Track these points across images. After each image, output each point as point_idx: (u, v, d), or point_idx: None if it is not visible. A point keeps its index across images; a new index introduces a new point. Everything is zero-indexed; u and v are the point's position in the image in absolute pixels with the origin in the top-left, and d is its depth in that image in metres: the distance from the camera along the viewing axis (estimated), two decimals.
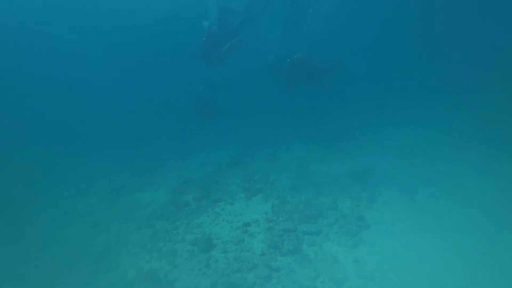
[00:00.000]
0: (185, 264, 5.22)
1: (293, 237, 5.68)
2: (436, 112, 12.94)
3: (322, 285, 4.27)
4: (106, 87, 22.18)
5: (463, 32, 16.95)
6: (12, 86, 19.65)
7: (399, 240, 5.20)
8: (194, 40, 7.96)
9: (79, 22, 19.65)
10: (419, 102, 14.83)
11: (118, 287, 4.60)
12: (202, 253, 5.55)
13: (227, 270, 4.91)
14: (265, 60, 8.30)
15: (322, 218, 6.36)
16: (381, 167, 8.83)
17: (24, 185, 10.71)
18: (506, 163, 7.33)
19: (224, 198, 8.32)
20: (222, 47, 7.33)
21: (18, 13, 18.19)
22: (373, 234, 5.44)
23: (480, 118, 10.68)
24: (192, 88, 12.66)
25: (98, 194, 9.38)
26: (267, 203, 7.66)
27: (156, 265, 5.29)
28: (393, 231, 5.56)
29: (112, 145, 15.73)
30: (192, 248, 5.77)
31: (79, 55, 20.82)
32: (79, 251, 5.86)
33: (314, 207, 6.90)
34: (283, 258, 5.11)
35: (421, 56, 18.66)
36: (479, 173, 7.32)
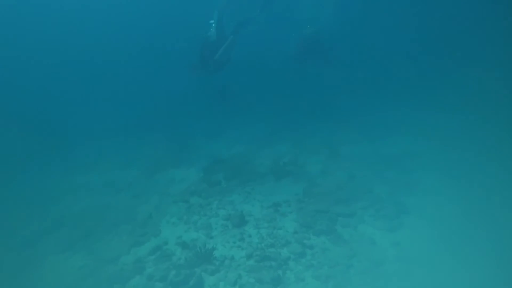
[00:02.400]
0: (221, 237, 5.42)
1: (325, 218, 5.64)
2: (480, 99, 11.86)
3: (359, 264, 4.23)
4: (144, 78, 23.10)
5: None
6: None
7: (444, 226, 4.94)
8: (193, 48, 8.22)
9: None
10: (458, 90, 13.67)
11: (163, 251, 4.91)
12: (236, 228, 5.72)
13: (261, 244, 5.02)
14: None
15: (356, 201, 6.22)
16: (420, 152, 8.35)
17: (76, 156, 11.67)
18: None
19: (254, 178, 8.43)
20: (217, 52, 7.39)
21: None
22: (414, 219, 5.22)
23: None
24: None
25: (137, 168, 9.94)
26: (297, 185, 7.64)
27: (194, 235, 5.55)
28: (437, 217, 5.28)
29: (149, 125, 16.45)
30: (225, 222, 5.97)
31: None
32: (126, 217, 6.31)
33: (347, 191, 6.77)
34: (316, 237, 5.12)
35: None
36: None
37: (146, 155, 11.45)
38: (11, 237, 5.75)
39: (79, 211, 6.82)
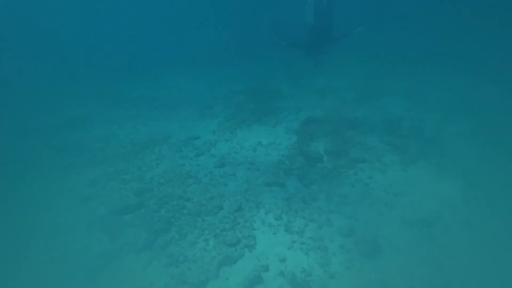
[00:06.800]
0: (348, 277, 3.31)
1: None
2: None
3: None
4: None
5: None
6: None
7: None
8: None
9: None
10: None
11: (264, 285, 3.15)
12: (366, 259, 3.51)
13: None
14: None
15: None
16: None
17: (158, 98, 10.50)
18: None
19: (368, 157, 5.68)
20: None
21: None
22: None
23: None
24: None
25: (217, 119, 8.05)
26: (446, 180, 4.70)
27: (302, 260, 3.58)
28: None
29: (222, 58, 14.06)
30: (346, 243, 3.77)
31: None
32: (210, 202, 4.65)
33: None
34: None
35: None
36: None
37: (225, 102, 9.39)
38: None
39: (160, 181, 5.46)
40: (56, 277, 3.61)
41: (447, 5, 12.36)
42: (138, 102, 10.20)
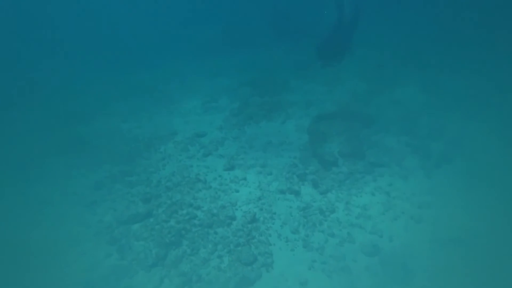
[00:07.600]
0: None
1: None
2: None
3: None
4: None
5: None
6: None
7: None
8: None
9: None
10: None
11: None
12: (396, 285, 3.14)
13: None
14: None
15: None
16: None
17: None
18: None
19: (387, 161, 5.22)
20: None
21: None
22: None
23: None
24: None
25: (223, 115, 7.47)
26: (475, 188, 4.28)
27: (326, 285, 3.25)
28: None
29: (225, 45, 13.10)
30: (372, 264, 3.41)
31: None
32: (221, 212, 4.22)
33: None
34: None
35: None
36: None
37: (229, 94, 8.72)
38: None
39: (168, 185, 5.04)
40: None
41: None
42: (138, 93, 9.51)
